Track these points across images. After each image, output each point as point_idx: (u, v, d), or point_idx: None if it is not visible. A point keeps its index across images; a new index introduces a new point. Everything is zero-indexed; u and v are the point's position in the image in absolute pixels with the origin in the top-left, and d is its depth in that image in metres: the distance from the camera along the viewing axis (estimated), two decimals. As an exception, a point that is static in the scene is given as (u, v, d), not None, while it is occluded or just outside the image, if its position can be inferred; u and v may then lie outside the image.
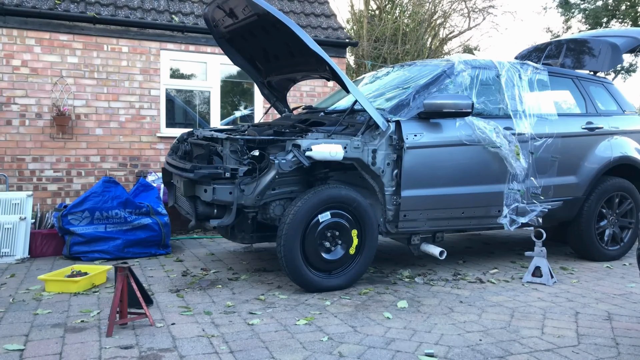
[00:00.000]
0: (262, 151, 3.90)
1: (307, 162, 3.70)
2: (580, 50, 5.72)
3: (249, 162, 3.79)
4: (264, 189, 3.73)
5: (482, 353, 2.69)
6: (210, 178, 3.71)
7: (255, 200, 3.74)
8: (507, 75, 4.64)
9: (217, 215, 3.87)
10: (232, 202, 3.72)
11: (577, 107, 5.11)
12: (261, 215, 3.99)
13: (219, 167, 3.74)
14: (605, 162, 4.94)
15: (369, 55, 16.01)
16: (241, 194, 3.73)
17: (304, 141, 3.77)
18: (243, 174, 3.75)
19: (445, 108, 3.99)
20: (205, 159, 3.95)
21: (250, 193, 3.73)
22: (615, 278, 4.37)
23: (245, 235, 4.16)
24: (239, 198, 3.72)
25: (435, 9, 17.72)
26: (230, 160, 3.81)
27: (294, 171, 3.86)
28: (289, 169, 3.71)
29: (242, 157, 3.82)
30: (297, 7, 8.19)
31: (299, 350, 2.70)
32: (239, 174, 3.73)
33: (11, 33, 6.20)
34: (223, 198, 3.72)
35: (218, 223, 3.80)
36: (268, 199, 3.88)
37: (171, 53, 6.94)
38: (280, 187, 3.93)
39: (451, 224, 4.35)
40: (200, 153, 4.06)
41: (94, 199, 4.99)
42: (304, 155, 3.71)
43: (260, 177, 3.74)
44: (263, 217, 4.00)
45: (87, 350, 2.68)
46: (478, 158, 4.28)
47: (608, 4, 17.29)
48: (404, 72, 4.83)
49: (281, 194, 3.95)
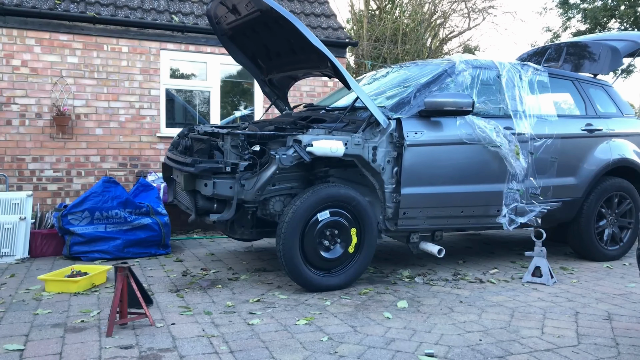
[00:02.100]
0: (262, 146, 3.90)
1: (308, 158, 3.71)
2: (581, 53, 5.73)
3: (250, 157, 3.79)
4: (264, 184, 3.72)
5: (482, 353, 2.69)
6: (211, 172, 3.72)
7: (256, 195, 3.74)
8: (507, 76, 4.64)
9: (217, 209, 3.87)
10: (232, 197, 3.72)
11: (576, 108, 5.11)
12: (261, 211, 3.99)
13: (219, 162, 3.74)
14: (604, 164, 4.94)
15: (369, 55, 16.01)
16: (241, 189, 3.73)
17: (305, 137, 3.77)
18: (244, 169, 3.75)
19: (446, 106, 3.99)
20: (206, 153, 3.95)
21: (251, 188, 3.73)
22: (615, 278, 4.37)
23: (245, 230, 4.16)
24: (239, 193, 3.72)
25: (435, 9, 17.73)
26: (231, 155, 3.81)
27: (295, 167, 3.86)
28: (290, 164, 3.71)
29: (243, 152, 3.82)
30: (297, 7, 8.19)
31: (299, 350, 2.70)
32: (239, 169, 3.73)
33: (11, 33, 6.20)
34: (223, 192, 3.72)
35: (218, 218, 3.80)
36: (268, 194, 3.88)
37: (171, 53, 6.95)
38: (280, 183, 3.93)
39: (450, 223, 4.35)
40: (201, 147, 4.06)
41: (94, 198, 4.99)
42: (305, 150, 3.71)
43: (261, 172, 3.74)
44: (263, 213, 4.00)
45: (87, 350, 2.68)
46: (478, 157, 4.28)
47: (607, 4, 17.30)
48: (405, 71, 4.83)
49: (281, 190, 3.95)
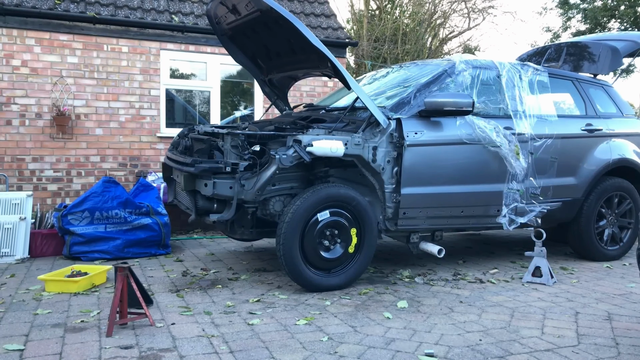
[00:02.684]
0: (263, 146, 3.90)
1: (308, 158, 3.70)
2: (580, 53, 5.73)
3: (250, 157, 3.79)
4: (264, 184, 3.72)
5: (482, 353, 2.69)
6: (211, 172, 3.71)
7: (256, 195, 3.74)
8: (507, 76, 4.64)
9: (217, 209, 3.87)
10: (232, 197, 3.72)
11: (576, 108, 5.11)
12: (261, 211, 3.98)
13: (219, 162, 3.74)
14: (604, 164, 4.94)
15: (369, 55, 16.01)
16: (241, 189, 3.73)
17: (305, 137, 3.77)
18: (244, 169, 3.75)
19: (446, 106, 3.99)
20: (206, 153, 3.95)
21: (251, 188, 3.73)
22: (615, 278, 4.37)
23: (245, 230, 4.15)
24: (239, 193, 3.72)
25: (435, 9, 17.73)
26: (231, 155, 3.81)
27: (295, 167, 3.86)
28: (290, 164, 3.71)
29: (243, 152, 3.82)
30: (297, 7, 8.19)
31: (299, 350, 2.70)
32: (239, 169, 3.73)
33: (11, 33, 6.20)
34: (223, 192, 3.72)
35: (218, 218, 3.80)
36: (268, 194, 3.88)
37: (171, 53, 6.94)
38: (280, 183, 3.93)
39: (450, 223, 4.34)
40: (201, 147, 4.06)
41: (94, 199, 4.99)
42: (305, 150, 3.71)
43: (261, 172, 3.74)
44: (263, 213, 4.00)
45: (87, 350, 2.68)
46: (478, 157, 4.28)
47: (607, 4, 17.29)
48: (405, 71, 4.83)
49: (281, 190, 3.95)
